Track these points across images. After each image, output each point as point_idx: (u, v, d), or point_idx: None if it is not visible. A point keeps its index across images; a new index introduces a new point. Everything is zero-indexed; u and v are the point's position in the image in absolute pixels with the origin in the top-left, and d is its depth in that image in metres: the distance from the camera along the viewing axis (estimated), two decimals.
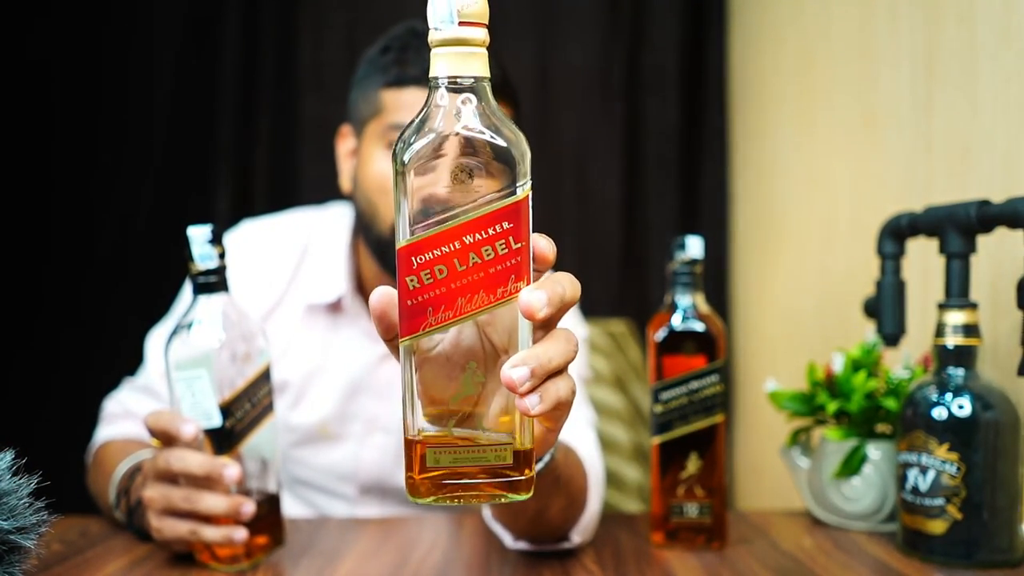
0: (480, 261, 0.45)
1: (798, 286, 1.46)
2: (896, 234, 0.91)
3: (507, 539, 0.83)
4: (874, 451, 0.90)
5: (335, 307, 1.09)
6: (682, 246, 0.84)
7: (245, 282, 1.05)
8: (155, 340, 1.05)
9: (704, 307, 0.85)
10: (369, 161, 0.99)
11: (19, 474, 0.56)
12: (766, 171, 1.62)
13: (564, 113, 1.80)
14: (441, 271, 0.45)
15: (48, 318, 1.82)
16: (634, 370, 1.56)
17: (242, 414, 0.76)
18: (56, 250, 1.81)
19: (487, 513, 0.84)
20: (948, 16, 0.99)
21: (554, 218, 1.78)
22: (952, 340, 0.78)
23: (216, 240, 0.76)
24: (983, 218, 0.77)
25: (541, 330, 0.50)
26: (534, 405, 0.47)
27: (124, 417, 1.02)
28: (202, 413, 0.75)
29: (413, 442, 0.47)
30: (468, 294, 0.45)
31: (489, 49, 0.47)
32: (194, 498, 0.74)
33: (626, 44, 1.79)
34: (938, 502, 0.77)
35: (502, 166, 0.46)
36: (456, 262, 0.45)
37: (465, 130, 0.46)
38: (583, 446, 0.88)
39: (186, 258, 0.76)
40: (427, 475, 0.47)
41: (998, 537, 0.76)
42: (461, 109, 0.46)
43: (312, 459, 1.10)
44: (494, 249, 0.45)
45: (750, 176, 1.72)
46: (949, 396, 0.77)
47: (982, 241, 0.81)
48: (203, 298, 0.76)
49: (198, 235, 0.75)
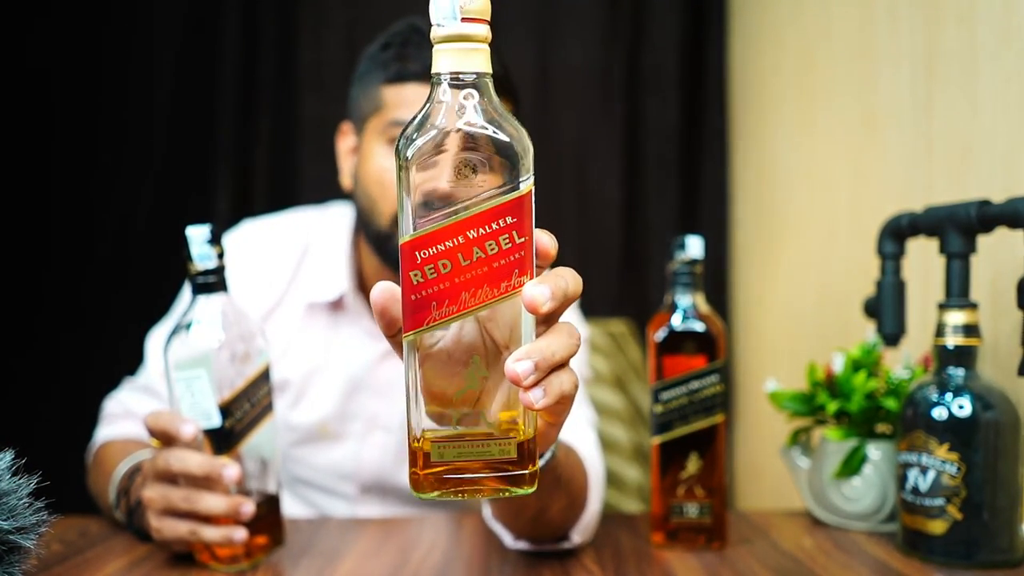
0: (484, 256, 0.46)
1: (798, 286, 1.46)
2: (896, 234, 0.91)
3: (507, 539, 0.83)
4: (874, 451, 0.90)
5: (336, 306, 1.09)
6: (682, 246, 0.84)
7: (246, 281, 1.05)
8: (155, 340, 1.05)
9: (704, 307, 0.85)
10: (370, 157, 0.99)
11: (19, 474, 0.56)
12: (766, 171, 1.62)
13: (564, 113, 1.80)
14: (445, 266, 0.45)
15: (48, 318, 1.82)
16: (634, 370, 1.56)
17: (241, 414, 0.76)
18: (56, 250, 1.81)
19: (487, 513, 0.84)
20: (948, 16, 0.99)
21: (554, 218, 1.78)
22: (952, 340, 0.78)
23: (215, 240, 0.76)
24: (983, 218, 0.77)
25: (543, 325, 0.50)
26: (538, 399, 0.47)
27: (124, 417, 1.02)
28: (202, 413, 0.75)
29: (416, 438, 0.47)
30: (472, 288, 0.46)
31: (491, 45, 0.47)
32: (194, 498, 0.74)
33: (626, 44, 1.79)
34: (938, 502, 0.77)
35: (505, 161, 0.46)
36: (460, 257, 0.45)
37: (467, 126, 0.46)
38: (583, 446, 0.88)
39: (185, 258, 0.76)
40: (431, 470, 0.47)
41: (998, 537, 0.76)
42: (464, 105, 0.46)
43: (312, 458, 1.10)
44: (498, 244, 0.46)
45: (750, 176, 1.72)
46: (949, 396, 0.77)
47: (982, 241, 0.81)
48: (202, 298, 0.76)
49: (197, 235, 0.75)
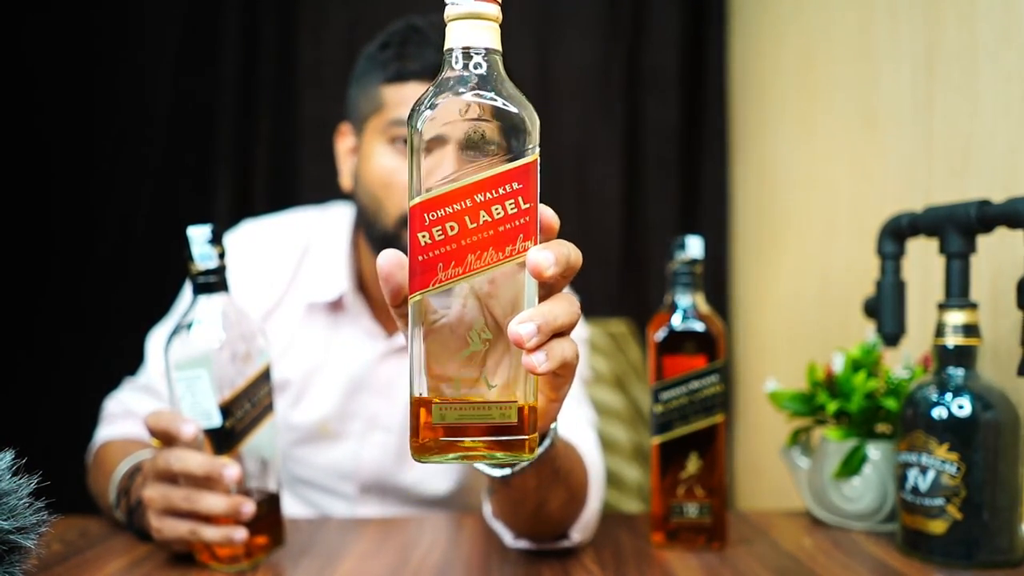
0: (490, 219, 0.47)
1: (798, 286, 1.46)
2: (896, 234, 0.91)
3: (507, 538, 0.83)
4: (874, 451, 0.90)
5: (336, 305, 1.09)
6: (682, 246, 0.84)
7: (246, 281, 1.05)
8: (155, 340, 1.05)
9: (704, 307, 0.85)
10: (371, 157, 0.99)
11: (19, 474, 0.56)
12: (766, 171, 1.62)
13: (564, 113, 1.80)
14: (452, 227, 0.47)
15: (49, 318, 1.82)
16: (634, 370, 1.56)
17: (242, 414, 0.76)
18: (56, 250, 1.81)
19: (487, 511, 0.84)
20: (948, 16, 0.99)
21: None
22: (952, 340, 0.78)
23: (216, 240, 0.76)
24: (983, 218, 0.77)
25: (545, 296, 0.51)
26: (540, 362, 0.48)
27: (124, 417, 1.02)
28: (202, 413, 0.75)
29: (419, 401, 0.48)
30: (478, 251, 0.47)
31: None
32: (194, 498, 0.74)
33: (626, 44, 1.79)
34: (938, 502, 0.77)
35: (512, 131, 0.47)
36: (467, 219, 0.47)
37: (477, 96, 0.47)
38: (584, 445, 0.88)
39: (186, 258, 0.76)
40: (432, 433, 0.48)
41: (998, 537, 0.76)
42: (474, 76, 0.48)
43: (312, 458, 1.10)
44: (504, 208, 0.47)
45: (750, 176, 1.72)
46: (949, 396, 0.77)
47: (982, 241, 0.81)
48: (203, 298, 0.76)
49: (198, 235, 0.75)
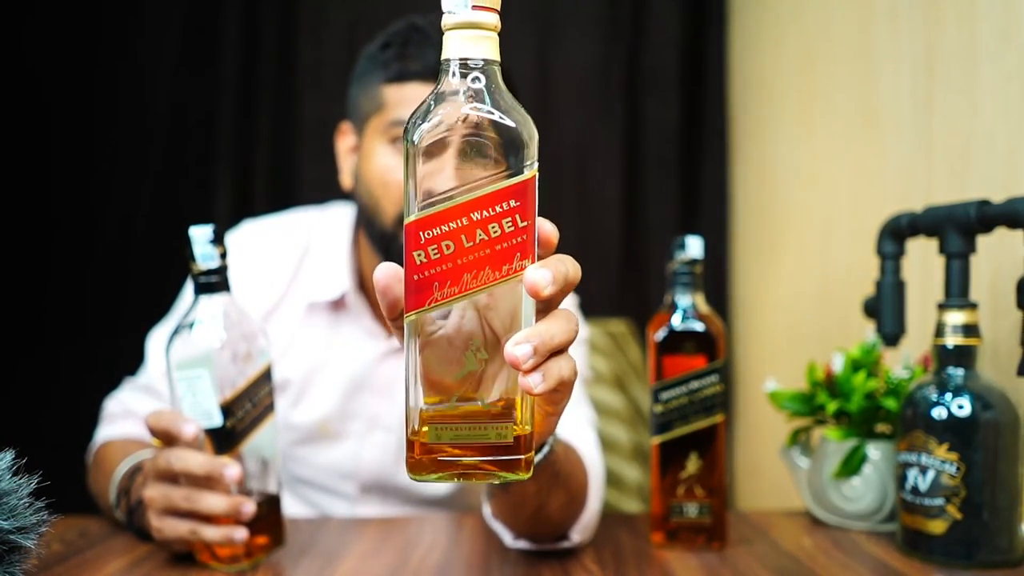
0: (487, 238, 0.46)
1: (798, 286, 1.46)
2: (896, 234, 0.91)
3: (507, 538, 0.83)
4: (874, 451, 0.90)
5: (337, 305, 1.09)
6: (682, 246, 0.84)
7: (246, 281, 1.05)
8: (156, 339, 1.05)
9: (704, 307, 0.85)
10: (372, 156, 0.99)
11: (19, 474, 0.56)
12: (766, 171, 1.62)
13: (564, 113, 1.80)
14: (448, 246, 0.46)
15: (50, 318, 1.82)
16: (634, 370, 1.56)
17: (243, 414, 0.76)
18: (57, 251, 1.81)
19: (487, 512, 0.84)
20: (948, 16, 0.99)
21: (554, 218, 1.74)
22: (952, 340, 0.78)
23: (218, 240, 0.76)
24: (983, 218, 0.77)
25: (543, 311, 0.50)
26: (537, 383, 0.47)
27: (125, 417, 1.02)
28: (203, 413, 0.75)
29: (415, 420, 0.48)
30: (474, 270, 0.46)
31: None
32: (194, 498, 0.74)
33: (626, 44, 1.79)
34: (938, 502, 0.77)
35: (510, 146, 0.46)
36: (463, 238, 0.46)
37: (474, 110, 0.47)
38: (584, 446, 0.88)
39: (187, 258, 0.76)
40: (427, 452, 0.48)
41: (998, 537, 0.76)
42: (471, 90, 0.47)
43: (313, 458, 1.10)
44: (501, 227, 0.46)
45: (750, 176, 1.72)
46: (949, 396, 0.77)
47: (982, 241, 0.81)
48: (204, 298, 0.76)
49: (200, 235, 0.75)
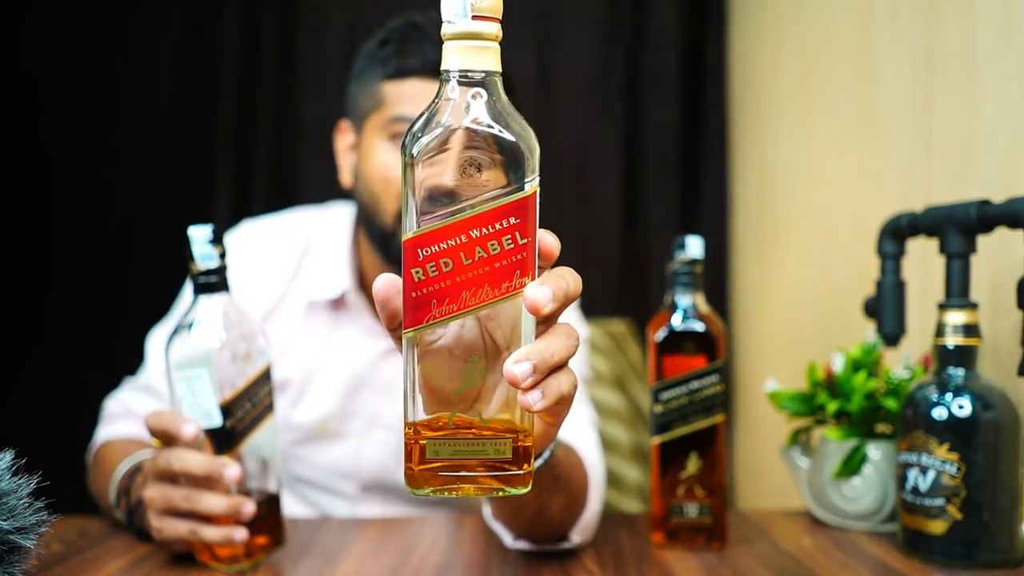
0: (486, 255, 0.46)
1: (798, 286, 1.46)
2: (896, 234, 0.91)
3: (507, 539, 0.83)
4: (874, 451, 0.90)
5: (337, 304, 1.09)
6: (682, 246, 0.84)
7: (246, 281, 1.05)
8: (155, 339, 1.05)
9: (704, 307, 0.85)
10: (371, 154, 0.99)
11: (19, 474, 0.56)
12: (766, 171, 1.62)
13: (564, 113, 1.80)
14: (447, 264, 0.45)
15: (51, 319, 1.81)
16: (634, 370, 1.56)
17: (242, 414, 0.76)
18: (57, 251, 1.81)
19: (487, 512, 0.84)
20: (948, 16, 0.99)
21: (554, 218, 1.77)
22: (952, 340, 0.78)
23: (217, 240, 0.76)
24: (983, 218, 0.77)
25: (543, 325, 0.50)
26: (536, 401, 0.47)
27: (125, 417, 1.02)
28: (202, 413, 0.75)
29: (413, 433, 0.48)
30: (473, 288, 0.46)
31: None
32: (194, 498, 0.74)
33: (626, 44, 1.79)
34: (938, 502, 0.77)
35: (510, 160, 0.46)
36: (462, 255, 0.45)
37: (474, 124, 0.46)
38: (584, 446, 0.88)
39: (187, 258, 0.76)
40: (426, 466, 0.47)
41: (998, 537, 0.76)
42: (471, 103, 0.46)
43: (313, 457, 1.10)
44: (500, 244, 0.46)
45: (750, 176, 1.72)
46: (949, 396, 0.77)
47: (982, 241, 0.81)
48: (204, 298, 0.76)
49: (199, 235, 0.75)
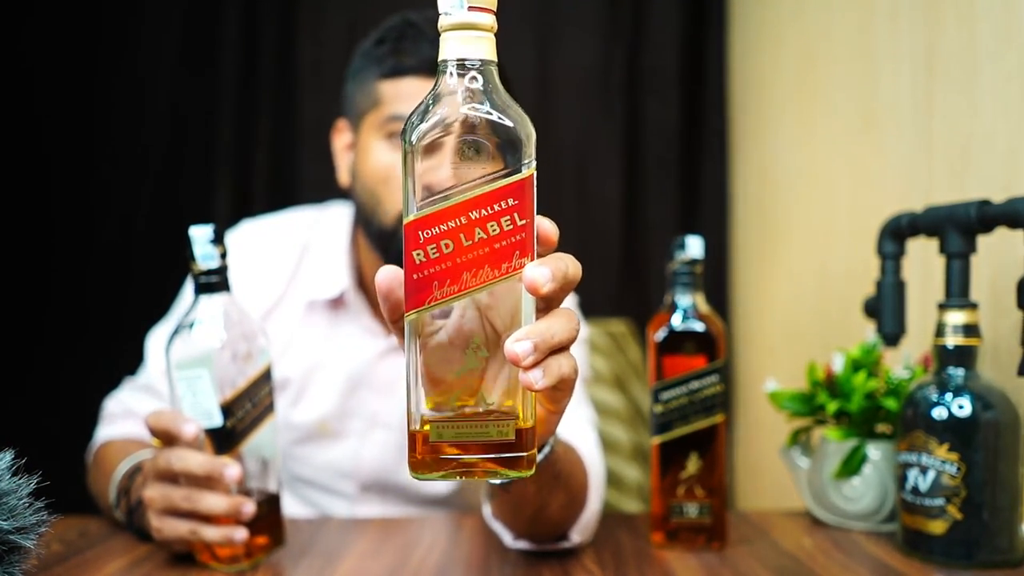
0: (486, 236, 0.46)
1: (798, 286, 1.46)
2: (896, 234, 0.91)
3: (507, 538, 0.83)
4: (874, 451, 0.90)
5: (336, 303, 1.09)
6: (682, 246, 0.84)
7: (246, 281, 1.05)
8: (155, 339, 1.05)
9: (704, 307, 0.85)
10: (369, 153, 0.99)
11: (19, 474, 0.56)
12: (766, 171, 1.62)
13: (564, 113, 1.80)
14: (447, 245, 0.46)
15: (49, 319, 1.81)
16: (634, 370, 1.56)
17: (243, 414, 0.76)
18: (57, 251, 1.81)
19: (487, 512, 0.84)
20: (948, 16, 0.99)
21: (554, 218, 1.75)
22: (952, 340, 0.78)
23: (218, 240, 0.76)
24: (983, 218, 0.77)
25: (544, 311, 0.50)
26: (537, 379, 0.47)
27: (124, 416, 1.02)
28: (203, 413, 0.75)
29: (416, 419, 0.48)
30: (473, 268, 0.46)
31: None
32: (194, 498, 0.74)
33: (626, 44, 1.79)
34: (938, 502, 0.77)
35: (507, 145, 0.47)
36: (462, 237, 0.46)
37: (472, 110, 0.47)
38: (584, 445, 0.88)
39: (188, 258, 0.76)
40: (429, 451, 0.48)
41: (998, 537, 0.76)
42: (468, 90, 0.47)
43: (313, 457, 1.10)
44: (499, 225, 0.46)
45: (750, 176, 1.72)
46: (949, 396, 0.77)
47: (982, 241, 0.81)
48: (204, 298, 0.76)
49: (200, 235, 0.75)
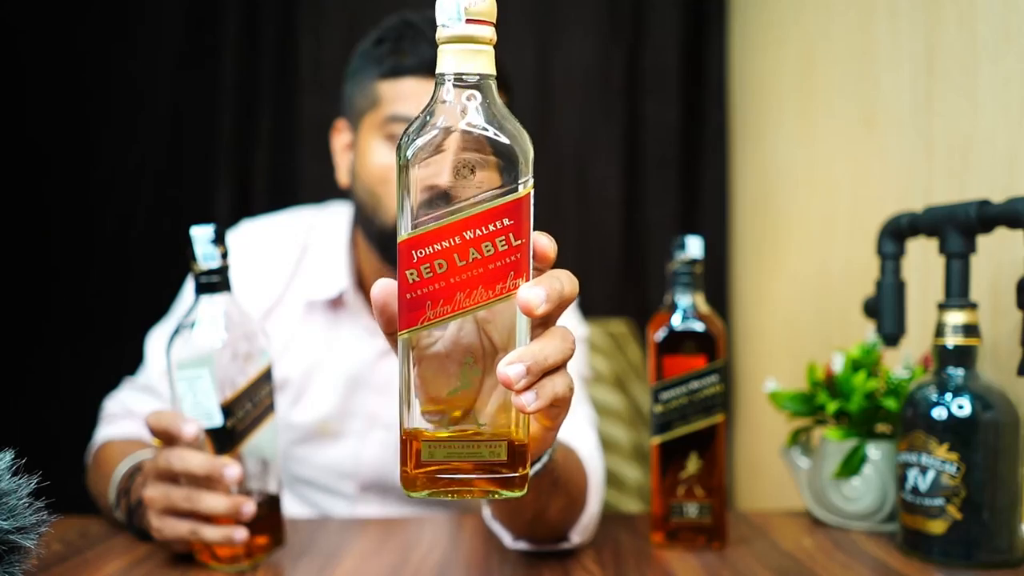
0: (480, 257, 0.46)
1: (798, 286, 1.46)
2: (896, 234, 0.91)
3: (507, 539, 0.83)
4: (874, 451, 0.90)
5: (336, 303, 1.09)
6: (682, 246, 0.84)
7: (245, 281, 1.05)
8: (155, 339, 1.05)
9: (704, 307, 0.85)
10: (368, 153, 0.99)
11: (19, 474, 0.56)
12: (766, 171, 1.62)
13: (564, 113, 1.80)
14: (441, 265, 0.46)
15: (49, 319, 1.81)
16: (634, 370, 1.56)
17: (243, 414, 0.76)
18: (56, 251, 1.81)
19: (487, 513, 0.84)
20: (948, 16, 0.99)
21: (554, 218, 1.78)
22: (952, 340, 0.78)
23: (219, 240, 0.76)
24: (983, 218, 0.77)
25: (539, 328, 0.50)
26: (530, 402, 0.47)
27: (124, 417, 1.02)
28: (203, 413, 0.75)
29: (409, 433, 0.48)
30: (467, 289, 0.46)
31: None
32: (195, 498, 0.74)
33: (626, 44, 1.79)
34: (938, 502, 0.77)
35: (504, 163, 0.46)
36: (456, 257, 0.46)
37: (468, 126, 0.46)
38: (584, 446, 0.88)
39: (188, 258, 0.76)
40: (421, 469, 0.48)
41: (998, 537, 0.76)
42: (466, 106, 0.47)
43: (313, 457, 1.10)
44: (494, 245, 0.46)
45: (750, 176, 1.72)
46: (949, 396, 0.77)
47: (982, 241, 0.81)
48: (205, 298, 0.76)
49: (201, 235, 0.75)
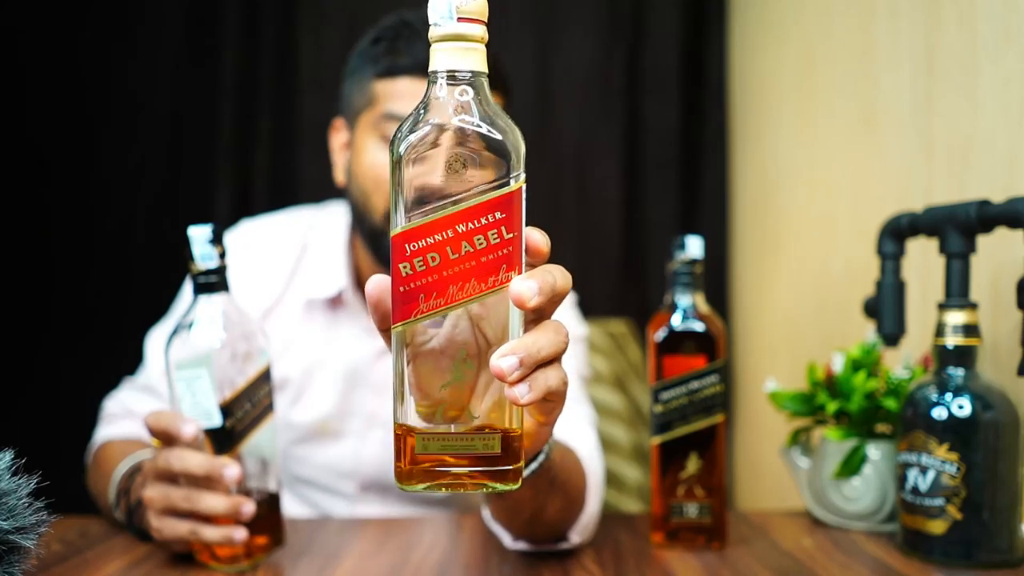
0: (472, 250, 0.46)
1: (798, 286, 1.46)
2: (896, 234, 0.91)
3: (506, 539, 0.83)
4: (874, 451, 0.90)
5: (335, 302, 1.09)
6: (682, 246, 0.84)
7: (244, 280, 1.05)
8: (155, 339, 1.05)
9: (704, 307, 0.85)
10: (363, 152, 0.99)
11: (19, 474, 0.56)
12: (766, 171, 1.62)
13: (564, 113, 1.80)
14: (434, 258, 0.46)
15: (50, 320, 1.81)
16: (634, 370, 1.56)
17: (242, 414, 0.76)
18: (56, 251, 1.81)
19: (486, 513, 0.84)
20: (948, 16, 0.99)
21: (554, 218, 1.78)
22: (952, 340, 0.78)
23: (217, 240, 0.76)
24: (983, 218, 0.77)
25: (533, 322, 0.50)
26: (523, 394, 0.47)
27: (124, 417, 1.02)
28: (202, 413, 0.75)
29: (402, 428, 0.48)
30: (460, 282, 0.46)
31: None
32: (194, 498, 0.74)
33: (626, 44, 1.79)
34: (938, 502, 0.77)
35: (496, 158, 0.47)
36: (449, 250, 0.46)
37: (461, 122, 0.47)
38: (583, 446, 0.88)
39: (187, 258, 0.76)
40: (415, 463, 0.48)
41: (998, 537, 0.76)
42: (458, 102, 0.47)
43: (312, 456, 1.10)
44: (486, 238, 0.46)
45: (750, 176, 1.72)
46: (949, 396, 0.77)
47: (982, 241, 0.81)
48: (204, 298, 0.76)
49: (199, 235, 0.75)
